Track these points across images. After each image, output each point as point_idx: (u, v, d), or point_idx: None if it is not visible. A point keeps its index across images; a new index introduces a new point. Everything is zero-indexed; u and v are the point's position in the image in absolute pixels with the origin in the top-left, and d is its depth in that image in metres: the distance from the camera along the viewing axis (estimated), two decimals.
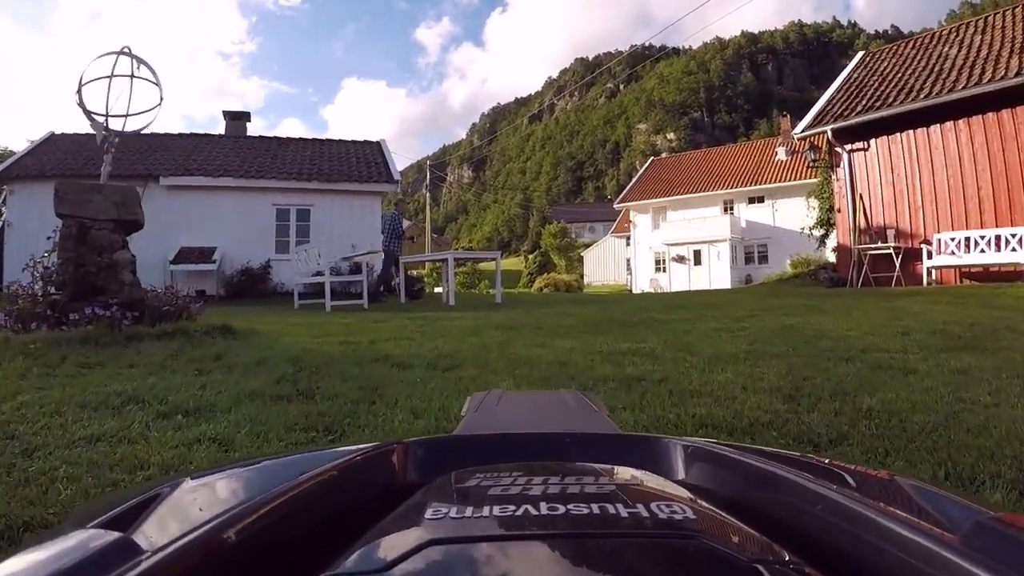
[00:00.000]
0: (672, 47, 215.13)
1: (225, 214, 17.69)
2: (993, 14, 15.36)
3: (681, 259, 36.42)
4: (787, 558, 0.43)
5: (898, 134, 14.13)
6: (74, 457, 2.49)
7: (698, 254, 35.69)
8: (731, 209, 36.22)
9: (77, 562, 0.44)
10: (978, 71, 13.17)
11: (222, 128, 22.29)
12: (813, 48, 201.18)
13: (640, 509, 0.49)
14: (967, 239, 12.67)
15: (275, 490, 0.54)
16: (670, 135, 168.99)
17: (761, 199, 35.02)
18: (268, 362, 4.64)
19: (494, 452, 0.73)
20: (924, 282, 13.09)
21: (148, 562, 0.40)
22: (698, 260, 35.68)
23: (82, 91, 6.56)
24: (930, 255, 13.15)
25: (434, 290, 22.83)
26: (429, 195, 48.07)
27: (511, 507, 0.50)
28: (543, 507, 0.50)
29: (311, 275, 12.56)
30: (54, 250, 6.31)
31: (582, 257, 60.85)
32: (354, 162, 20.08)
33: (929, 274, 13.16)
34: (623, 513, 0.49)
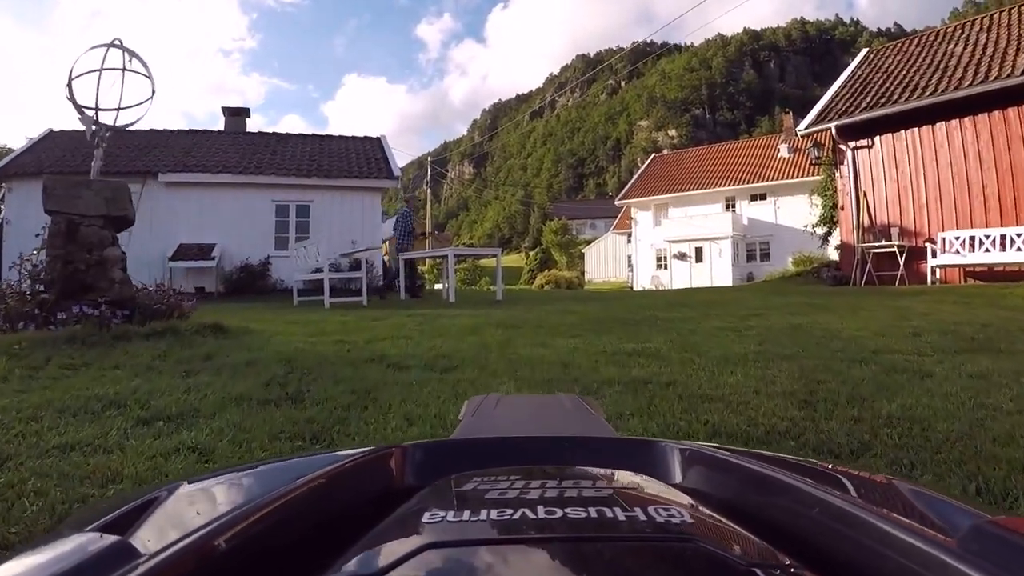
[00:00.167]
0: (674, 44, 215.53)
1: (224, 210, 17.62)
2: (999, 11, 15.23)
3: (683, 256, 36.25)
4: (785, 562, 0.43)
5: (903, 131, 14.04)
6: (45, 468, 2.36)
7: (700, 251, 35.50)
8: (733, 206, 36.05)
9: (74, 565, 0.44)
10: (984, 68, 13.08)
11: (222, 125, 22.16)
12: (815, 45, 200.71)
13: (638, 513, 0.49)
14: (972, 238, 12.58)
15: (272, 494, 0.54)
16: (672, 132, 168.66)
17: (763, 196, 34.86)
18: (258, 363, 4.51)
19: (492, 456, 0.72)
20: (928, 281, 13.02)
21: (145, 566, 0.40)
22: (700, 257, 35.50)
23: (72, 85, 6.41)
24: (934, 254, 13.07)
25: (435, 287, 22.74)
26: (430, 191, 48.02)
27: (508, 511, 0.50)
28: (541, 511, 0.50)
29: (310, 272, 12.44)
30: (43, 247, 6.19)
31: (583, 254, 60.75)
32: (354, 158, 19.98)
33: (933, 273, 13.09)
34: (621, 517, 0.49)
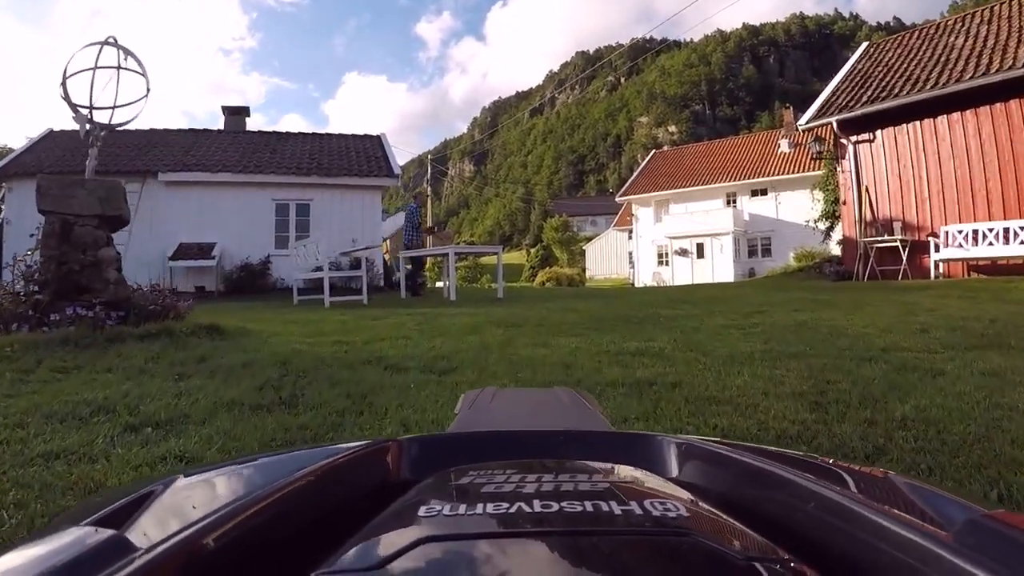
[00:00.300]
0: (673, 40, 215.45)
1: (224, 210, 17.58)
2: (999, 3, 15.13)
3: (684, 252, 36.15)
4: (781, 555, 0.43)
5: (904, 125, 13.96)
6: (28, 478, 2.30)
7: (701, 247, 35.40)
8: (734, 202, 35.95)
9: (71, 559, 0.44)
10: (985, 61, 13.00)
11: (222, 124, 22.09)
12: (815, 40, 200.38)
13: (634, 507, 0.49)
14: (975, 232, 12.50)
15: (269, 487, 0.54)
16: (671, 128, 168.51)
17: (764, 192, 34.75)
18: (254, 365, 4.43)
19: (488, 450, 0.73)
20: (931, 275, 12.94)
21: (142, 559, 0.40)
22: (701, 253, 35.39)
23: (67, 83, 6.32)
24: (937, 248, 12.99)
25: (436, 284, 22.67)
26: (430, 189, 47.87)
27: (505, 505, 0.50)
28: (537, 505, 0.50)
29: (310, 270, 12.38)
30: (37, 248, 6.12)
31: (584, 251, 60.65)
32: (354, 156, 19.93)
33: (936, 267, 13.01)
34: (617, 511, 0.49)
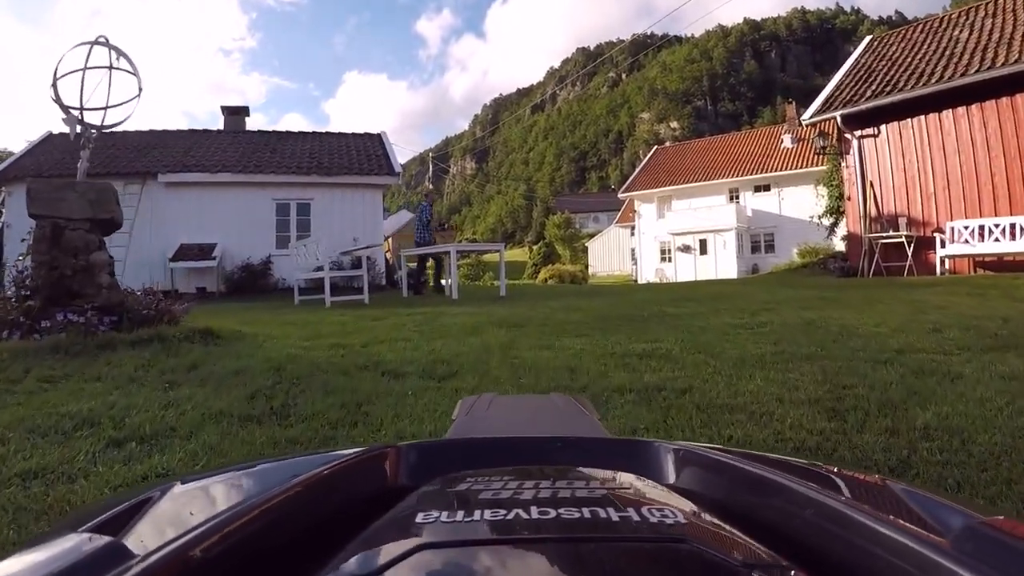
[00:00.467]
0: (674, 35, 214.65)
1: (224, 210, 17.48)
2: None
3: (687, 249, 36.03)
4: (778, 562, 0.43)
5: (909, 119, 13.82)
6: (2, 500, 2.21)
7: (704, 243, 35.29)
8: (737, 198, 35.84)
9: (69, 566, 0.45)
10: (990, 55, 12.86)
11: (222, 124, 21.99)
12: (816, 35, 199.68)
13: (631, 513, 0.49)
14: (981, 227, 12.37)
15: (266, 494, 0.54)
16: (673, 124, 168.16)
17: (767, 187, 34.66)
18: (246, 372, 4.32)
19: (485, 456, 0.73)
20: (937, 272, 12.83)
21: (139, 566, 0.40)
22: (704, 250, 35.28)
23: (57, 84, 6.18)
24: (943, 244, 12.86)
25: (439, 282, 22.56)
26: (432, 187, 47.74)
27: (502, 511, 0.50)
28: (534, 511, 0.50)
29: (311, 270, 12.30)
30: (29, 253, 6.02)
31: (586, 247, 60.48)
32: (354, 155, 19.85)
33: (942, 263, 12.89)
34: (614, 517, 0.49)
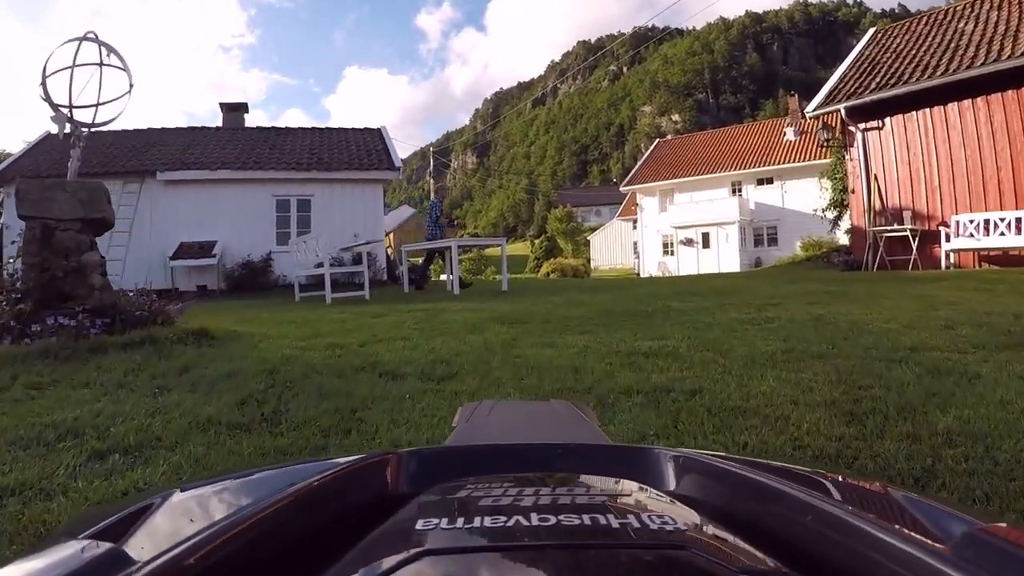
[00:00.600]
0: (675, 28, 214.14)
1: (224, 207, 17.42)
2: None
3: (689, 242, 35.92)
4: (778, 569, 0.43)
5: (914, 112, 13.72)
6: None
7: (706, 237, 35.17)
8: (739, 191, 35.72)
9: (70, 572, 0.45)
10: (996, 47, 12.74)
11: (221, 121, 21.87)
12: (819, 27, 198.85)
13: (631, 520, 0.49)
14: (986, 221, 12.29)
15: (266, 501, 0.53)
16: (675, 117, 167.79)
17: (770, 180, 34.52)
18: (239, 375, 4.20)
19: (485, 463, 0.73)
20: (942, 266, 12.74)
21: (140, 572, 0.40)
22: (706, 243, 35.16)
23: (46, 83, 6.05)
24: (948, 238, 12.77)
25: (440, 277, 22.50)
26: (434, 182, 47.61)
27: (502, 518, 0.50)
28: (534, 518, 0.50)
29: (311, 267, 12.24)
30: (19, 255, 5.91)
31: (588, 241, 60.41)
32: (354, 150, 19.73)
33: (947, 257, 12.80)
34: (614, 524, 0.49)
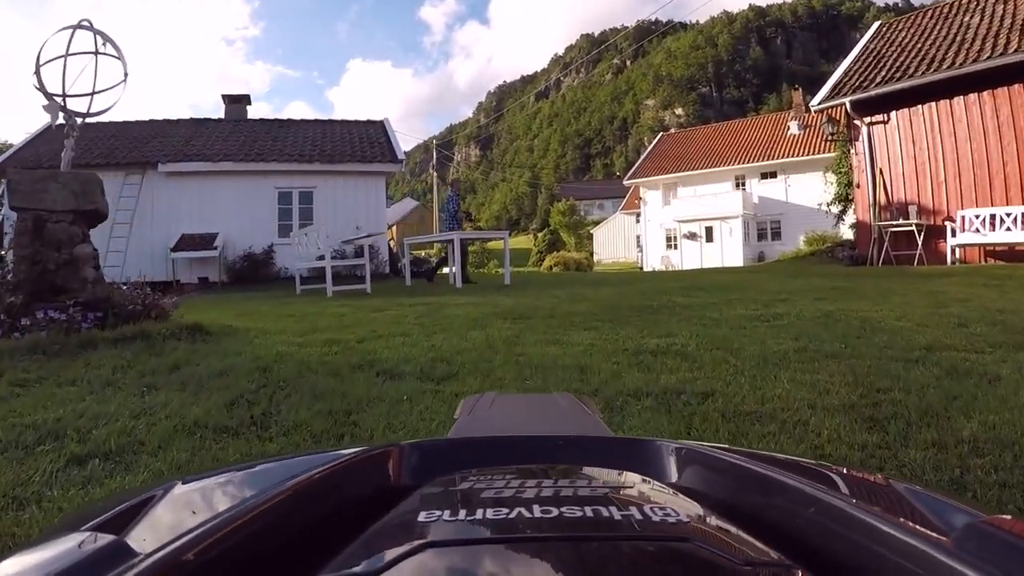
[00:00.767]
0: (679, 21, 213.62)
1: (226, 199, 17.44)
2: None
3: (693, 236, 35.80)
4: (781, 561, 0.43)
5: (920, 106, 13.62)
6: None
7: (710, 231, 35.05)
8: (743, 185, 35.56)
9: (71, 564, 0.45)
10: (1002, 41, 12.64)
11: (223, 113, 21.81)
12: (822, 21, 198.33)
13: (633, 512, 0.49)
14: (992, 216, 12.20)
15: (268, 493, 0.53)
16: (678, 110, 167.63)
17: (773, 174, 34.39)
18: (231, 373, 4.05)
19: (488, 455, 0.72)
20: (948, 261, 12.67)
21: (142, 565, 0.40)
22: (710, 237, 35.05)
23: (40, 71, 5.91)
24: (954, 233, 12.69)
25: (442, 270, 22.38)
26: (436, 175, 47.53)
27: (504, 510, 0.50)
28: (536, 510, 0.49)
29: (313, 259, 12.19)
30: (11, 247, 5.79)
31: (591, 235, 60.34)
32: (357, 142, 19.70)
33: (953, 253, 12.72)
34: (616, 516, 0.49)
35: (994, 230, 12.14)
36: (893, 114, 14.08)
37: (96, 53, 6.28)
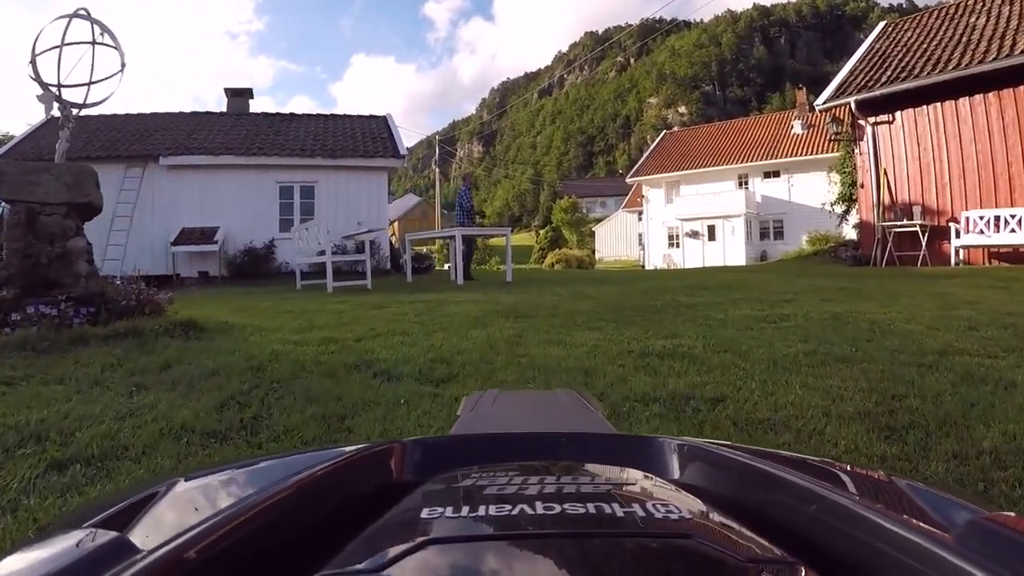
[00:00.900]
0: (683, 20, 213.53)
1: (227, 193, 17.39)
2: None
3: (695, 234, 35.75)
4: (783, 557, 0.43)
5: (925, 107, 13.55)
6: None
7: (712, 229, 34.98)
8: (746, 184, 35.51)
9: (74, 561, 0.44)
10: (1008, 41, 12.57)
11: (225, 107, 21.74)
12: (826, 21, 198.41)
13: (636, 509, 0.49)
14: (997, 218, 12.15)
15: (270, 490, 0.54)
16: (681, 109, 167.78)
17: (776, 173, 34.34)
18: (223, 372, 3.94)
19: (490, 452, 0.72)
20: (951, 262, 12.61)
21: (144, 561, 0.40)
22: (712, 236, 34.98)
23: (36, 61, 5.81)
24: (958, 234, 12.63)
25: (444, 266, 22.36)
26: (439, 171, 47.46)
27: (507, 507, 0.50)
28: (539, 507, 0.50)
29: (314, 254, 12.13)
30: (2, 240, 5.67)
31: (593, 232, 60.30)
32: (359, 137, 19.63)
33: (957, 254, 12.66)
34: (619, 513, 0.49)
35: (999, 231, 12.09)
36: (898, 114, 14.01)
37: (93, 43, 6.16)
